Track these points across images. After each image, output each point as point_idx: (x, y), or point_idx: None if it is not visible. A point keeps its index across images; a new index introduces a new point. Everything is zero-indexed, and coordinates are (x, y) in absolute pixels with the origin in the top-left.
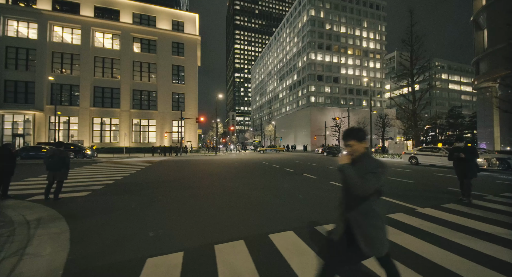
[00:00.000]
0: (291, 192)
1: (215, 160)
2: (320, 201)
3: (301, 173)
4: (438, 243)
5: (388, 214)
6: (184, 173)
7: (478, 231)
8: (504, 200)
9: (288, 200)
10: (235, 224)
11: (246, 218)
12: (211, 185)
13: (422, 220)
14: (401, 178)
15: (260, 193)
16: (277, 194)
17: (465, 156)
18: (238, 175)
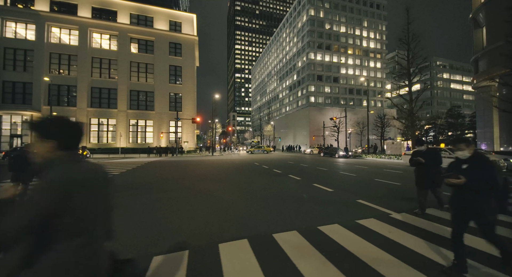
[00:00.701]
0: (268, 195)
1: (209, 161)
2: (293, 207)
3: (288, 174)
4: (392, 252)
5: (359, 219)
6: (167, 174)
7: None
8: None
9: (261, 204)
10: (179, 233)
11: (199, 226)
12: (187, 188)
13: (393, 226)
14: (388, 179)
15: (236, 196)
16: (251, 197)
17: (425, 161)
18: (222, 176)
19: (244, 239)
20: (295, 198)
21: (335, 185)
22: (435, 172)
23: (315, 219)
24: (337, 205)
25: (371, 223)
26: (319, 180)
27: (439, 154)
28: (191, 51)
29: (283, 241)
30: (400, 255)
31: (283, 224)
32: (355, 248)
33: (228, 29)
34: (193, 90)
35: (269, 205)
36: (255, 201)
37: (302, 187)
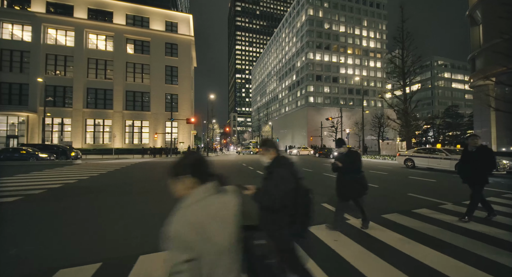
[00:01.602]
0: None
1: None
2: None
3: None
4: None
5: (313, 225)
6: (145, 176)
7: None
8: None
9: None
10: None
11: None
12: (159, 191)
13: (342, 234)
14: (369, 182)
15: None
16: None
17: (342, 165)
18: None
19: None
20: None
21: (311, 186)
22: (354, 179)
23: None
24: None
25: (319, 230)
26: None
27: (359, 157)
28: (187, 51)
29: None
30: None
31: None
32: None
33: (228, 30)
34: (190, 91)
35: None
36: None
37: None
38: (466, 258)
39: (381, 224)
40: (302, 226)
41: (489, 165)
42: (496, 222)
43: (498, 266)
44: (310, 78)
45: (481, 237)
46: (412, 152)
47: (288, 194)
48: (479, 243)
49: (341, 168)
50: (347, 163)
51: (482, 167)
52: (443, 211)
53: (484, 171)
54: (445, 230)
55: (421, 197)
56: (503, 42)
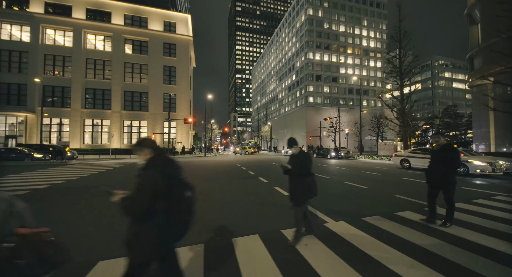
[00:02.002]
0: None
1: (195, 162)
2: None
3: (258, 176)
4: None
5: (285, 229)
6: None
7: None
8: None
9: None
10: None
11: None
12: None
13: (316, 238)
14: (359, 182)
15: None
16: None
17: (291, 167)
18: (193, 179)
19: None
20: (244, 203)
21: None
22: (304, 182)
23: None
24: (272, 210)
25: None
26: (283, 183)
27: (309, 159)
28: (185, 51)
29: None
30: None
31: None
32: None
33: (229, 30)
34: (188, 91)
35: (207, 212)
36: (202, 207)
37: (265, 189)
38: (437, 266)
39: (359, 227)
40: (173, 238)
41: (454, 164)
42: (478, 226)
43: (468, 273)
44: (310, 78)
45: (460, 242)
46: (408, 152)
47: (154, 199)
48: (456, 249)
49: (290, 170)
50: (296, 165)
51: (447, 167)
52: (427, 214)
53: (449, 171)
54: (423, 234)
55: (408, 199)
56: (501, 41)
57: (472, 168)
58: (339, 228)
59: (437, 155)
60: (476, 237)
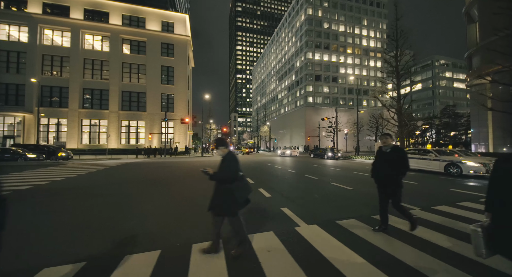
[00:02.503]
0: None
1: (189, 162)
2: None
3: (246, 177)
4: None
5: (254, 233)
6: (122, 178)
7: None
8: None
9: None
10: None
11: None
12: (122, 194)
13: (281, 244)
14: (346, 184)
15: (156, 204)
16: (177, 207)
17: (212, 173)
18: (177, 180)
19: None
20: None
21: (283, 188)
22: (230, 189)
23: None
24: (256, 214)
25: (265, 238)
26: (271, 183)
27: (235, 161)
28: (183, 51)
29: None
30: None
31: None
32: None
33: (229, 30)
34: (186, 91)
35: (189, 218)
36: (173, 213)
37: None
38: (397, 273)
39: (330, 232)
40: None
41: (403, 167)
42: (453, 230)
43: None
44: (309, 78)
45: (431, 248)
46: None
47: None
48: (424, 255)
49: (212, 176)
50: (221, 169)
51: (396, 169)
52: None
53: (398, 174)
54: (394, 239)
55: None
56: (499, 39)
57: (465, 169)
58: (309, 232)
59: (387, 155)
60: (450, 243)
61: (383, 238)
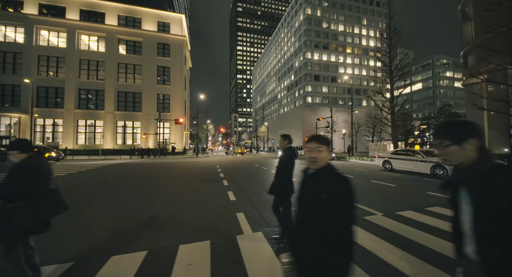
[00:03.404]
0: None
1: (180, 163)
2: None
3: (222, 179)
4: None
5: (191, 242)
6: (100, 180)
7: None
8: None
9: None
10: None
11: None
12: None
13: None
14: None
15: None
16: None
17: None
18: (160, 182)
19: None
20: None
21: (254, 191)
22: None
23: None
24: (209, 220)
25: (201, 247)
26: (244, 185)
27: (27, 171)
28: (179, 51)
29: None
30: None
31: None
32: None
33: (230, 31)
34: (182, 91)
35: (152, 223)
36: (128, 221)
37: (215, 195)
38: None
39: (267, 241)
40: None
41: (289, 171)
42: (403, 237)
43: None
44: (308, 78)
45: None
46: (390, 154)
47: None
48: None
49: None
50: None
51: (286, 173)
52: (360, 223)
53: (288, 178)
54: None
55: (358, 205)
56: (492, 37)
57: (451, 171)
58: (248, 241)
59: (280, 158)
60: (391, 255)
61: None
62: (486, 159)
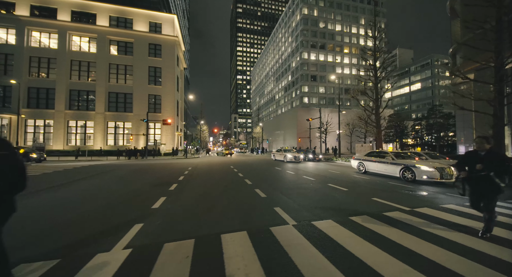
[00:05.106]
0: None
1: (161, 165)
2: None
3: (174, 183)
4: None
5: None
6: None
7: None
8: None
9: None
10: None
11: None
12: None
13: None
14: (268, 190)
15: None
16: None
17: None
18: (101, 184)
19: None
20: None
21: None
22: None
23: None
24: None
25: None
26: (193, 190)
27: None
28: (171, 52)
29: None
30: None
31: None
32: None
33: (230, 32)
34: (174, 92)
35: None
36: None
37: (143, 199)
38: None
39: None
40: None
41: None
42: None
43: None
44: (305, 79)
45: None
46: (364, 156)
47: None
48: None
49: None
50: None
51: None
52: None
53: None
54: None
55: (280, 213)
56: (477, 35)
57: (419, 174)
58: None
59: None
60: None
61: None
62: None
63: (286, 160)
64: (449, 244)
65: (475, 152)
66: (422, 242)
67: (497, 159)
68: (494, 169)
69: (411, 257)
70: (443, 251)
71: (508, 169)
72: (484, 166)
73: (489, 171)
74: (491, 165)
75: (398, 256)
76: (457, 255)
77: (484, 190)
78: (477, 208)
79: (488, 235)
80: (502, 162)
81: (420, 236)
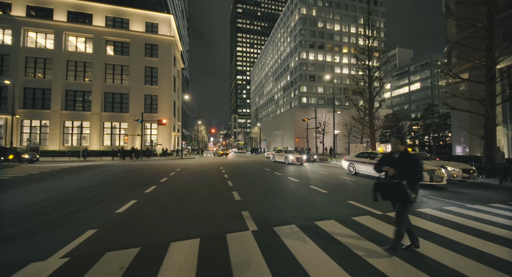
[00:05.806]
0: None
1: (152, 165)
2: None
3: (153, 185)
4: None
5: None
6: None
7: None
8: None
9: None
10: None
11: None
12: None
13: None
14: (246, 192)
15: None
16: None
17: None
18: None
19: None
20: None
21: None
22: None
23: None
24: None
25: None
26: (170, 193)
27: None
28: (168, 52)
29: None
30: None
31: None
32: None
33: (230, 32)
34: (170, 92)
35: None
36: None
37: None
38: None
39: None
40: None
41: None
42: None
43: None
44: (303, 79)
45: None
46: (354, 157)
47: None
48: None
49: None
50: None
51: None
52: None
53: None
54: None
55: (245, 218)
56: (470, 34)
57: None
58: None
59: None
60: None
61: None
62: None
63: (288, 161)
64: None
65: (391, 154)
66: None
67: (407, 164)
68: (407, 177)
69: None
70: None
71: (417, 175)
72: (396, 172)
73: (402, 179)
74: (402, 171)
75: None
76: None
77: (393, 198)
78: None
79: (391, 252)
80: (412, 168)
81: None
